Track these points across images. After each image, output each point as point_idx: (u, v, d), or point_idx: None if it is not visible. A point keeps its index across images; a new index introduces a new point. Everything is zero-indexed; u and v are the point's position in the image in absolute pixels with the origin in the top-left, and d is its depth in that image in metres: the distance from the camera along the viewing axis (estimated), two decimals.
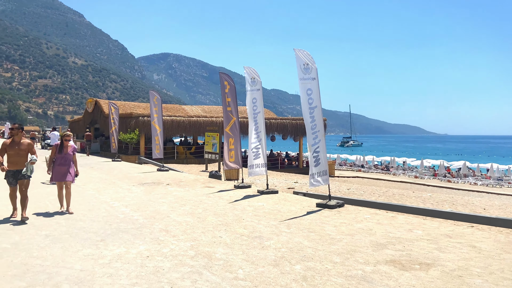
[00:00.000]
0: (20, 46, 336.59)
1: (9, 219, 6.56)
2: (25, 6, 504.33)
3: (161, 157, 16.48)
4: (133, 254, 4.74)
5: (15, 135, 6.44)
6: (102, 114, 27.59)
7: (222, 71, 12.07)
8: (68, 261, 4.44)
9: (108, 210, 7.43)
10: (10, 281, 3.84)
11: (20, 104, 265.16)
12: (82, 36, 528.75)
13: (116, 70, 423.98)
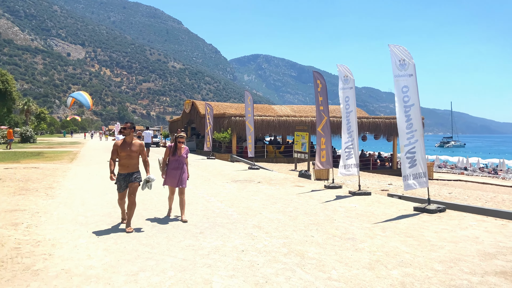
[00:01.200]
0: (128, 53, 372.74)
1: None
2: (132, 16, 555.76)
3: (253, 155, 16.97)
4: (229, 248, 4.97)
5: (127, 135, 5.85)
6: (198, 114, 29.29)
7: (311, 70, 12.00)
8: (172, 250, 4.82)
9: (205, 205, 7.88)
10: (124, 265, 4.30)
11: (127, 105, 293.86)
12: (180, 42, 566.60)
13: (210, 73, 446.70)
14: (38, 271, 4.00)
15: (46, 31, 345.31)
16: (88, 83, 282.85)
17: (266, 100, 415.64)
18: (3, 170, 12.98)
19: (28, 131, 40.49)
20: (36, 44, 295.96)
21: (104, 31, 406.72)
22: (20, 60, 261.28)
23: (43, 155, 20.67)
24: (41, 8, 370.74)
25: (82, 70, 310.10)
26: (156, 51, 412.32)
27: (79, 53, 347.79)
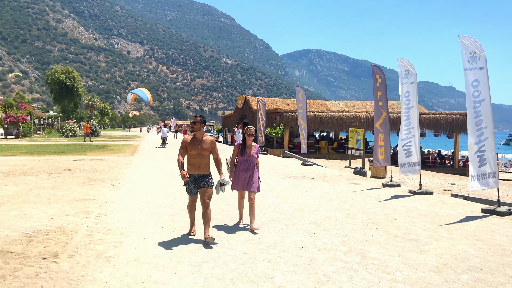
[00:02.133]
0: (183, 51, 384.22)
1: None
2: (187, 14, 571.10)
3: (305, 151, 16.85)
4: (288, 243, 4.97)
5: (197, 131, 5.09)
6: (251, 110, 29.56)
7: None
8: (232, 243, 4.92)
9: (261, 200, 7.95)
10: (188, 255, 4.45)
11: (182, 101, 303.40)
12: (232, 38, 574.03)
13: (261, 68, 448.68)
14: (110, 258, 4.26)
15: (108, 30, 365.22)
16: (146, 80, 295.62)
17: (317, 95, 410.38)
18: (72, 162, 13.96)
19: (93, 125, 43.14)
20: (99, 43, 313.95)
21: (161, 29, 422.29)
22: (85, 58, 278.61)
23: (107, 148, 21.95)
24: (104, 9, 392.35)
25: (141, 68, 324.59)
26: (210, 47, 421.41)
27: (138, 51, 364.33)
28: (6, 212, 6.23)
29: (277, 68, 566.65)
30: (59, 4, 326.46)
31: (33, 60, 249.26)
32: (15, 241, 4.73)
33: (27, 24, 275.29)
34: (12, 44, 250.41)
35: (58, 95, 62.79)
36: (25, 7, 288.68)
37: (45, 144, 25.16)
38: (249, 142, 5.77)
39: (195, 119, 5.12)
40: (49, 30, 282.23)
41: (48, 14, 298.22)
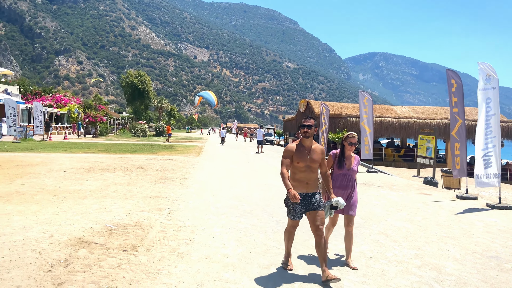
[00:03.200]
0: (246, 55, 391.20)
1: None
2: (251, 19, 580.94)
3: (371, 158, 16.33)
4: (357, 253, 4.85)
5: (307, 137, 4.01)
6: (313, 114, 29.29)
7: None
8: (298, 248, 4.91)
9: None
10: (256, 257, 4.52)
11: (244, 104, 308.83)
12: (295, 42, 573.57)
13: (323, 72, 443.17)
14: (183, 254, 4.46)
15: (177, 36, 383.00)
16: (210, 83, 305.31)
17: (383, 100, 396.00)
18: (144, 160, 14.81)
19: (161, 126, 45.41)
20: (169, 48, 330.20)
21: (226, 35, 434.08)
22: (155, 62, 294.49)
23: (174, 148, 22.98)
24: (174, 16, 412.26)
25: (206, 71, 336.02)
26: (272, 51, 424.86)
27: (204, 56, 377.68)
28: (89, 205, 6.76)
29: (340, 71, 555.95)
30: (134, 12, 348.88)
31: (110, 65, 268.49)
32: (98, 233, 5.12)
33: (105, 31, 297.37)
34: (91, 49, 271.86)
35: (130, 97, 67.10)
36: (103, 15, 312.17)
37: (119, 143, 26.95)
38: (348, 152, 4.60)
39: (309, 122, 4.01)
40: (124, 36, 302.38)
41: (124, 21, 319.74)
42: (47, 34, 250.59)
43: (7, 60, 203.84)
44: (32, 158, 13.99)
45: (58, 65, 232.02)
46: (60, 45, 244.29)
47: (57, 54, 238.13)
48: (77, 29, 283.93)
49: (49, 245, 4.49)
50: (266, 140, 38.37)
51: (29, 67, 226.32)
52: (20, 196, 7.27)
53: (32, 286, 3.39)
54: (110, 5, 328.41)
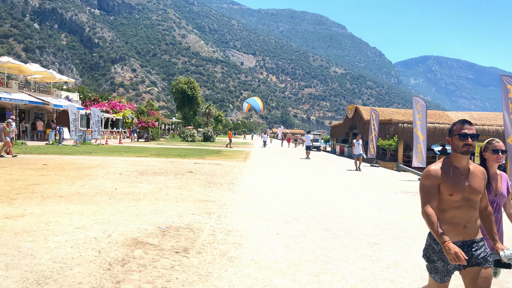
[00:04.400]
0: (292, 60, 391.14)
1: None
2: (298, 25, 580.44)
3: (423, 166, 15.65)
4: (411, 264, 4.67)
5: (467, 153, 2.68)
6: (362, 119, 28.63)
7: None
8: (349, 258, 4.81)
9: (375, 215, 7.62)
10: (305, 264, 4.49)
11: (290, 110, 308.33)
12: (343, 47, 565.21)
13: (372, 77, 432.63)
14: (232, 258, 4.52)
15: (225, 43, 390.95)
16: (256, 89, 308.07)
17: (436, 105, 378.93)
18: (193, 165, 15.21)
19: (209, 131, 46.45)
20: (217, 55, 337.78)
21: (272, 41, 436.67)
22: (203, 69, 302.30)
23: (222, 153, 23.41)
24: (222, 23, 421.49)
25: (252, 77, 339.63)
26: (319, 57, 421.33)
27: (251, 62, 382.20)
28: (143, 207, 7.05)
29: (390, 76, 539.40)
30: (184, 21, 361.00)
31: (161, 72, 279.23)
32: (152, 234, 5.32)
33: (157, 39, 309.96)
34: (144, 58, 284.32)
35: (180, 103, 69.28)
36: (156, 24, 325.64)
37: (170, 147, 27.88)
38: (494, 168, 3.16)
39: (472, 129, 2.69)
40: (175, 44, 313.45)
41: (175, 30, 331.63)
42: (104, 43, 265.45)
43: (68, 69, 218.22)
44: (90, 161, 14.84)
45: (114, 72, 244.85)
46: (116, 54, 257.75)
47: (113, 62, 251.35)
48: (131, 39, 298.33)
49: (107, 244, 4.73)
50: (314, 146, 38.01)
51: (87, 75, 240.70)
52: (81, 196, 7.73)
53: (92, 283, 3.59)
54: (162, 14, 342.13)
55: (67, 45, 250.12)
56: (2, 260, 4.01)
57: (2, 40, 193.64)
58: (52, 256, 4.22)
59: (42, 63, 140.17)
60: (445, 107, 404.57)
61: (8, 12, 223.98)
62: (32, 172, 10.82)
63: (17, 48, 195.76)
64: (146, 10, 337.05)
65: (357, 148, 17.80)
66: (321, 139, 50.74)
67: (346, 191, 10.63)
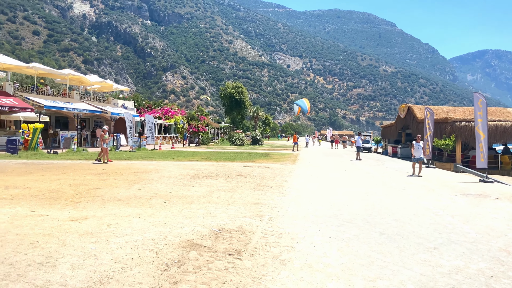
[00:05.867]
0: (340, 61, 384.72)
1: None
2: (345, 25, 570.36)
3: (485, 166, 14.72)
4: (474, 270, 4.40)
5: None
6: (415, 119, 27.49)
7: None
8: (406, 262, 4.62)
9: (433, 218, 7.26)
10: (360, 269, 4.37)
11: (338, 111, 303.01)
12: (393, 44, 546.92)
13: (425, 74, 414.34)
14: (285, 261, 4.51)
15: (271, 47, 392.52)
16: (303, 91, 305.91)
17: (496, 102, 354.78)
18: (243, 168, 15.39)
19: (257, 135, 46.77)
20: (263, 59, 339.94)
21: (319, 42, 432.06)
22: (250, 73, 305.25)
23: (270, 156, 23.48)
24: (268, 27, 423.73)
25: (299, 80, 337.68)
26: (368, 56, 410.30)
27: (297, 64, 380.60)
28: (196, 210, 7.24)
29: (445, 73, 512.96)
30: (231, 27, 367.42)
31: (209, 78, 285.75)
32: (205, 236, 5.45)
33: (205, 46, 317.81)
34: (193, 64, 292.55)
35: (228, 108, 70.56)
36: (204, 32, 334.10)
37: (220, 151, 28.43)
38: None
39: None
40: (222, 50, 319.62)
41: (222, 36, 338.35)
42: (156, 53, 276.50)
43: (123, 78, 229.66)
44: (145, 166, 15.49)
45: (165, 80, 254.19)
46: (167, 62, 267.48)
47: (164, 70, 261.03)
48: (181, 47, 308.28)
49: (164, 246, 4.91)
50: (363, 147, 37.05)
51: (141, 83, 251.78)
52: (138, 200, 8.09)
53: (151, 283, 3.74)
54: (210, 22, 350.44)
55: (122, 55, 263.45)
56: (68, 260, 4.29)
57: (63, 53, 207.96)
58: (114, 256, 4.45)
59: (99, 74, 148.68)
60: (506, 103, 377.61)
61: (68, 27, 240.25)
62: (93, 177, 11.49)
63: (77, 60, 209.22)
64: (194, 18, 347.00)
65: (418, 150, 15.76)
66: (372, 140, 49.29)
67: (400, 193, 10.23)
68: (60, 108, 25.89)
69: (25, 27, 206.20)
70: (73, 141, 23.17)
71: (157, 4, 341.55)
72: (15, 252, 4.52)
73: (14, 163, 15.56)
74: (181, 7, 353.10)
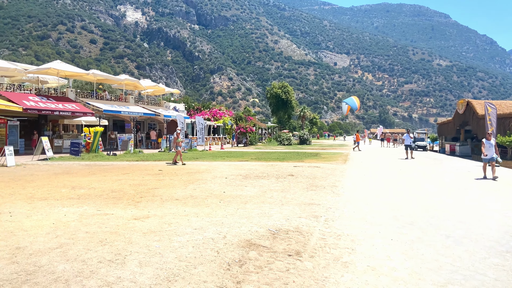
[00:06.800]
0: (389, 56, 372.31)
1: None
2: (395, 18, 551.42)
3: None
4: None
5: None
6: (475, 115, 25.92)
7: None
8: (478, 267, 4.34)
9: (503, 220, 6.77)
10: (428, 273, 4.16)
11: (388, 108, 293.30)
12: (447, 37, 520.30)
13: (483, 67, 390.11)
14: (347, 264, 4.40)
15: (317, 45, 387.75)
16: (351, 89, 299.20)
17: None
18: (293, 168, 15.31)
19: (305, 134, 46.40)
20: (309, 58, 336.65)
21: (367, 38, 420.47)
22: (296, 73, 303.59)
23: (320, 156, 23.17)
24: (313, 25, 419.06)
25: (347, 77, 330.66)
26: (420, 50, 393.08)
27: (344, 62, 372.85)
28: (251, 210, 7.29)
29: (505, 65, 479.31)
30: (276, 27, 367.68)
31: (255, 79, 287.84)
32: (263, 236, 5.46)
33: (251, 48, 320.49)
34: (240, 66, 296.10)
35: (275, 108, 70.62)
36: (249, 33, 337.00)
37: (268, 151, 28.51)
38: None
39: None
40: (268, 51, 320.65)
41: (267, 37, 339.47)
42: (204, 56, 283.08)
43: (173, 82, 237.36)
44: (198, 166, 15.88)
45: (212, 82, 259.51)
46: (214, 64, 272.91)
47: (212, 72, 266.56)
48: (227, 49, 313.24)
49: (224, 245, 4.98)
50: (418, 146, 35.50)
51: (190, 86, 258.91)
52: (194, 199, 8.29)
53: (215, 282, 3.80)
54: (255, 23, 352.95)
55: (171, 60, 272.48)
56: (135, 257, 4.47)
57: (118, 60, 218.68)
58: (177, 255, 4.57)
59: (151, 78, 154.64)
60: None
61: (122, 35, 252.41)
62: (151, 177, 11.95)
63: (130, 66, 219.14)
64: (240, 20, 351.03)
65: (489, 149, 13.68)
66: (427, 138, 47.12)
67: (463, 193, 9.67)
68: (117, 112, 27.22)
69: (83, 36, 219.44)
70: (129, 143, 24.26)
71: (204, 9, 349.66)
72: (86, 249, 4.78)
73: (78, 164, 16.58)
74: (227, 10, 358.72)
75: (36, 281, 3.76)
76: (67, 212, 6.91)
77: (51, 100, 24.37)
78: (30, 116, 25.42)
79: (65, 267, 4.14)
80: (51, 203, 7.82)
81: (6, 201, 8.04)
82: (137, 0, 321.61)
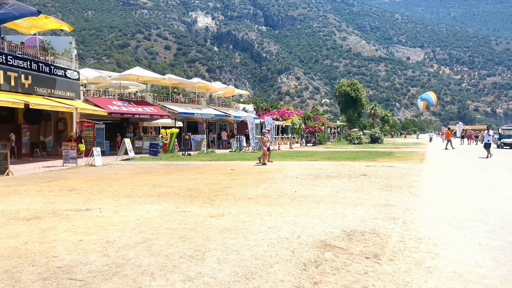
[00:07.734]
0: (469, 48, 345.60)
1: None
2: (474, 7, 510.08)
3: None
4: None
5: None
6: None
7: None
8: None
9: None
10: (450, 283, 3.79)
11: (468, 104, 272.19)
12: None
13: None
14: (430, 269, 4.16)
15: (388, 39, 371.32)
16: (426, 84, 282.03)
17: None
18: (365, 167, 14.83)
19: (376, 132, 44.73)
20: (380, 53, 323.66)
21: (443, 29, 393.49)
22: (366, 69, 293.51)
23: (393, 155, 22.18)
24: (384, 19, 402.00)
25: (421, 72, 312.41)
26: (504, 39, 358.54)
27: (418, 56, 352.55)
28: (323, 210, 7.19)
29: None
30: (344, 23, 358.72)
31: (323, 77, 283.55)
32: (338, 237, 5.36)
33: (318, 46, 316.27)
34: (307, 65, 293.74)
35: (344, 106, 68.99)
36: (316, 31, 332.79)
37: (338, 150, 27.93)
38: None
39: None
40: (335, 48, 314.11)
41: (335, 34, 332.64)
42: (271, 56, 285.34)
43: (242, 83, 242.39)
44: (268, 166, 16.04)
45: (280, 82, 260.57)
46: (282, 65, 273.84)
47: (279, 73, 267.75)
48: (294, 49, 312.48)
49: (298, 245, 4.97)
50: (504, 143, 32.47)
51: (258, 87, 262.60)
52: (266, 198, 8.39)
53: (292, 282, 3.81)
54: (322, 21, 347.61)
55: (240, 62, 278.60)
56: (214, 254, 4.64)
57: (190, 64, 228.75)
58: (253, 253, 4.66)
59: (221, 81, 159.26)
60: None
61: (194, 40, 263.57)
62: (224, 177, 12.33)
63: (201, 70, 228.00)
64: (307, 19, 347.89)
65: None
66: None
67: None
68: (191, 114, 28.51)
69: (158, 43, 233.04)
70: (202, 143, 25.26)
71: (271, 9, 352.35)
72: (168, 244, 5.07)
73: (156, 164, 17.64)
74: (294, 9, 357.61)
75: (125, 273, 4.06)
76: (149, 209, 7.38)
77: (132, 104, 26.23)
78: (114, 119, 27.57)
79: (150, 261, 4.42)
80: (135, 200, 8.41)
81: (96, 198, 8.80)
82: (207, 5, 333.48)
